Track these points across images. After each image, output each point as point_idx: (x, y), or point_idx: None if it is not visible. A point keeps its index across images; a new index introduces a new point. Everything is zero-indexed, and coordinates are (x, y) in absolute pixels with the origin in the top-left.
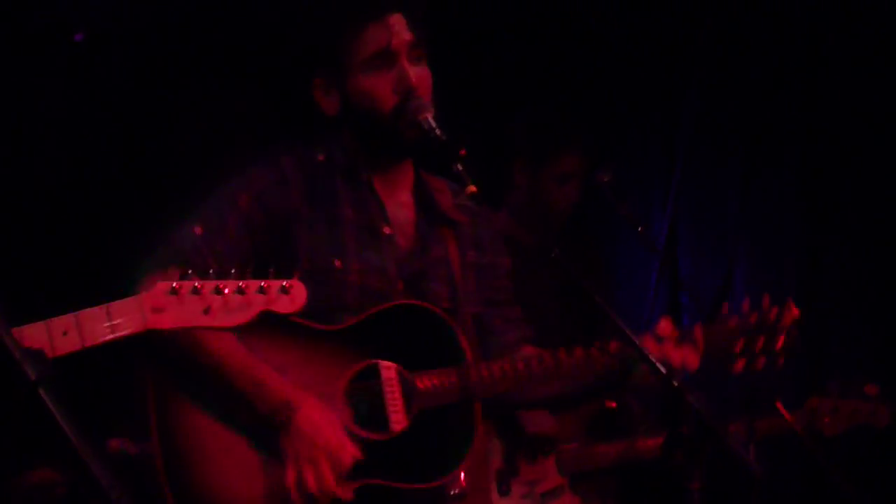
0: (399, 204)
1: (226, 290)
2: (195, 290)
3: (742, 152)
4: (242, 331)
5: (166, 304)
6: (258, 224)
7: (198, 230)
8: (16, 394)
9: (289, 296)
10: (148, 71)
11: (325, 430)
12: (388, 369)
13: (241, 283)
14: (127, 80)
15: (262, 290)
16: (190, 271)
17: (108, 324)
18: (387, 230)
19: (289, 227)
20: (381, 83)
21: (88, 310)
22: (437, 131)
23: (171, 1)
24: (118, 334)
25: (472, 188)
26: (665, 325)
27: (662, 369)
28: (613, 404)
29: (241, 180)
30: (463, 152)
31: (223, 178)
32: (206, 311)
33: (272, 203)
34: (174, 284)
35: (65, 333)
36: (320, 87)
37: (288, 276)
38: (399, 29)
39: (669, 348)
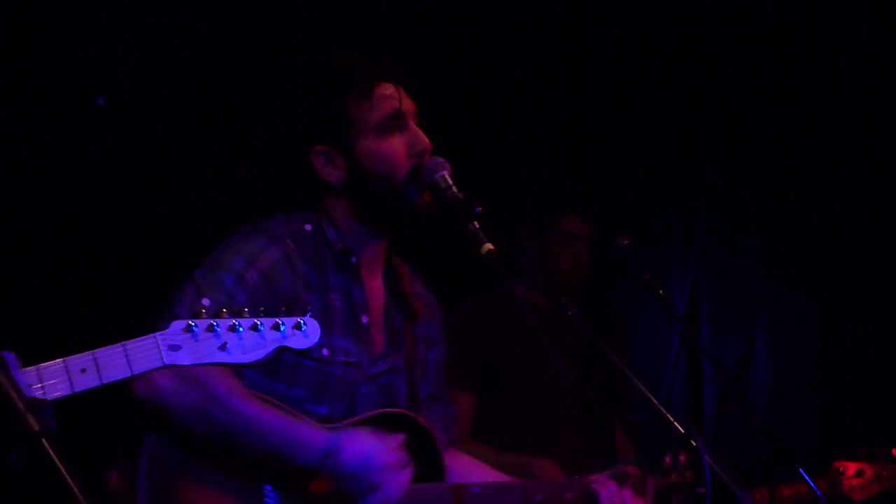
0: (373, 289)
1: (241, 328)
2: (211, 328)
3: (763, 215)
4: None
5: (183, 341)
6: (261, 302)
7: (206, 301)
8: (18, 444)
9: (303, 332)
10: (163, 135)
11: (375, 456)
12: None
13: (256, 321)
14: (144, 144)
15: (277, 327)
16: (204, 311)
17: (125, 360)
18: (364, 319)
19: (287, 310)
20: (395, 146)
21: (106, 348)
22: (454, 189)
23: (190, 62)
24: (136, 371)
25: (489, 246)
26: (631, 469)
27: (682, 429)
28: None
29: (247, 255)
30: (479, 209)
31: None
32: (223, 348)
33: (277, 284)
34: (190, 322)
35: (83, 371)
36: (323, 154)
37: (301, 314)
38: (403, 95)
39: (627, 495)
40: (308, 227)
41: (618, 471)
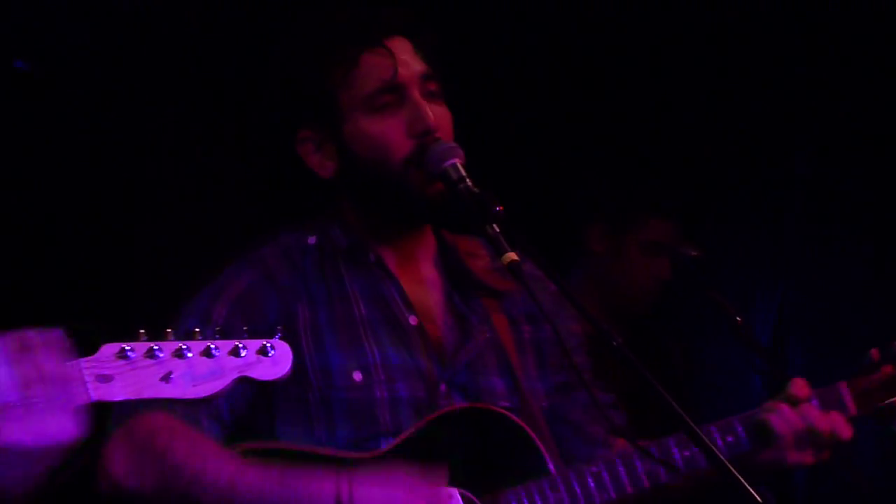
0: (422, 282)
1: (189, 352)
2: (151, 353)
3: (871, 222)
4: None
5: (115, 370)
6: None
7: None
8: None
9: (270, 358)
10: (105, 110)
11: (391, 495)
12: (453, 498)
13: (210, 344)
14: (84, 117)
15: (236, 352)
16: (142, 330)
17: None
18: (413, 320)
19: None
20: (390, 125)
21: None
22: (468, 182)
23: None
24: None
25: (512, 255)
26: (801, 386)
27: (758, 498)
28: None
29: (213, 290)
30: (500, 209)
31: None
32: (167, 379)
33: (258, 308)
34: (125, 346)
35: None
36: (308, 141)
37: (269, 335)
38: (406, 57)
39: (813, 414)
40: (311, 239)
41: (785, 394)
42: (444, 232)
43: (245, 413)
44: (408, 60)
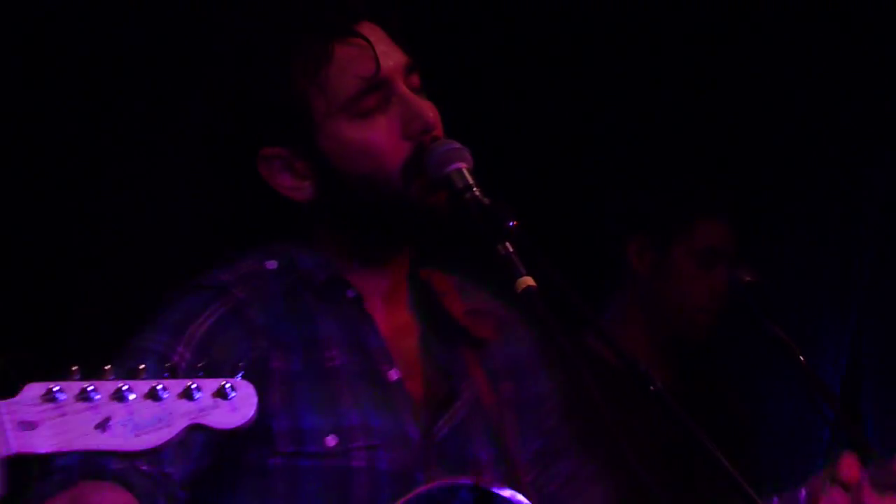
0: (400, 328)
1: (132, 395)
2: (84, 395)
3: None
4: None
5: (40, 415)
6: None
7: None
8: None
9: (230, 402)
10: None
11: None
12: None
13: (156, 384)
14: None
15: (188, 394)
16: (75, 367)
17: None
18: (393, 374)
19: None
20: (380, 129)
21: None
22: (476, 190)
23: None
24: None
25: (528, 280)
26: (850, 466)
27: None
28: None
29: (171, 325)
30: (515, 223)
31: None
32: (103, 426)
33: (224, 353)
34: (53, 386)
35: None
36: (275, 160)
37: (229, 374)
38: (383, 46)
39: (869, 499)
40: (271, 264)
41: (831, 472)
42: (416, 267)
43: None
44: (387, 50)
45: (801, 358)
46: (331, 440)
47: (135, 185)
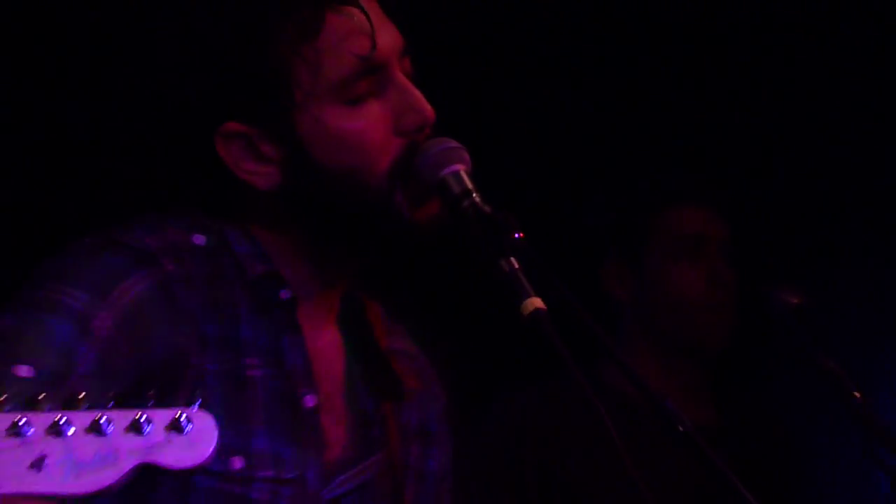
0: (326, 349)
1: (72, 429)
2: (15, 430)
3: None
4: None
5: None
6: (119, 373)
7: (22, 370)
8: None
9: (186, 437)
10: None
11: None
12: None
13: (100, 415)
14: None
15: (136, 427)
16: (4, 396)
17: None
18: (310, 400)
19: (172, 382)
20: (371, 119)
21: None
22: (476, 197)
23: None
24: None
25: (537, 302)
26: None
27: None
28: None
29: (92, 284)
30: (520, 235)
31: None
32: (38, 465)
33: (146, 336)
34: None
35: None
36: (237, 138)
37: (186, 403)
38: (381, 23)
39: None
40: (198, 238)
41: None
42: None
43: None
44: (384, 28)
45: (857, 394)
46: (237, 462)
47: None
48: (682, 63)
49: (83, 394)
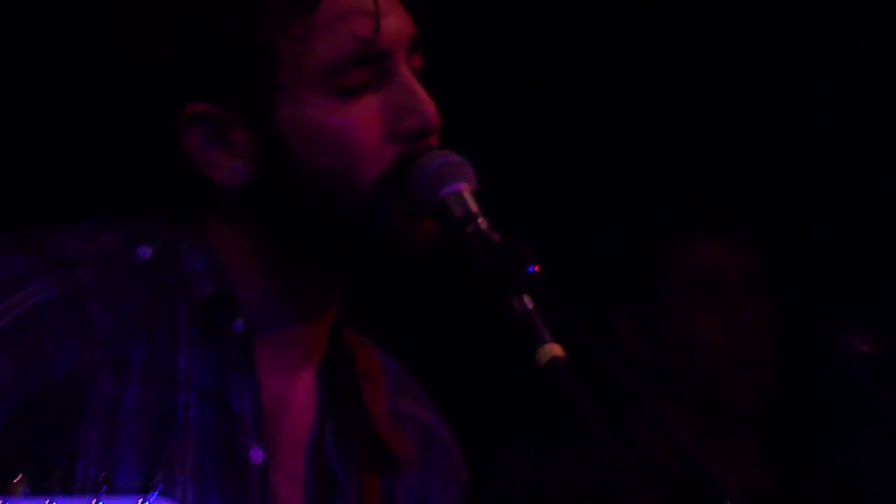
0: (289, 396)
1: None
2: None
3: None
4: None
5: None
6: (5, 399)
7: None
8: None
9: None
10: None
11: None
12: None
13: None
14: None
15: None
16: None
17: None
18: (256, 456)
19: (69, 411)
20: (363, 116)
21: None
22: (482, 223)
23: None
24: None
25: (555, 349)
26: None
27: None
28: None
29: None
30: (537, 268)
31: None
32: None
33: (41, 354)
34: None
35: None
36: (204, 123)
37: (143, 490)
38: (390, 5)
39: None
40: (144, 251)
41: None
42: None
43: None
44: (393, 11)
45: None
46: None
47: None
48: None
49: (20, 476)
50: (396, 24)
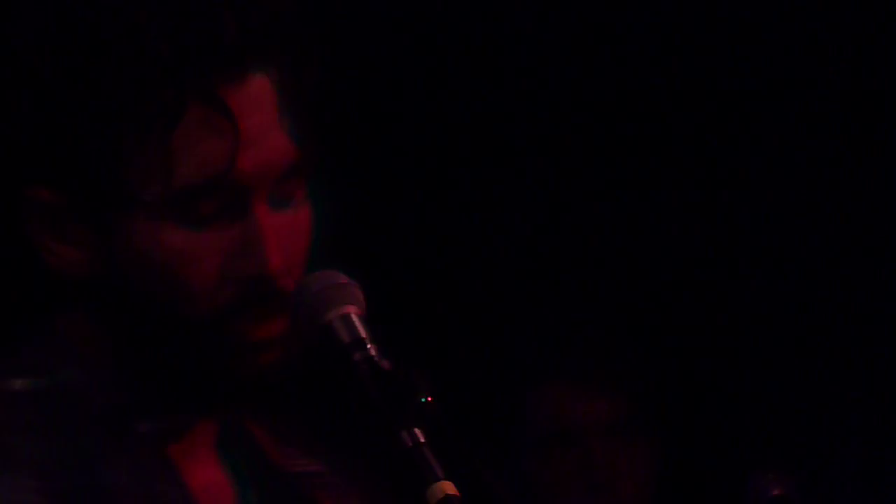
0: (206, 486)
1: None
2: None
3: None
4: None
5: None
6: None
7: None
8: None
9: None
10: None
11: None
12: None
13: None
14: None
15: None
16: None
17: None
18: None
19: None
20: (204, 247)
21: None
22: (372, 350)
23: None
24: None
25: (448, 487)
26: None
27: None
28: None
29: None
30: (430, 399)
31: None
32: None
33: None
34: None
35: None
36: (42, 208)
37: None
38: (262, 130)
39: None
40: (20, 383)
41: None
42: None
43: None
44: (263, 139)
45: None
46: None
47: None
48: None
49: None
50: (262, 156)
